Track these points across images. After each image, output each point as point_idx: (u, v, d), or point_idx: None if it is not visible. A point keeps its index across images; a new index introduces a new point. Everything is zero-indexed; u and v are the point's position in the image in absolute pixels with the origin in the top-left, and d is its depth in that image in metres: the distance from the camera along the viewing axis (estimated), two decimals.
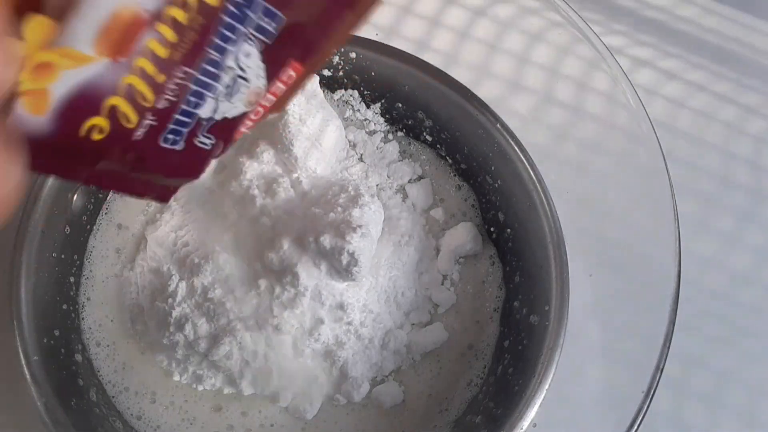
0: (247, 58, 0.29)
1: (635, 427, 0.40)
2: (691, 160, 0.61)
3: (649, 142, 0.46)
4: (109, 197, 0.51)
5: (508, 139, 0.48)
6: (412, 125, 0.53)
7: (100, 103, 0.25)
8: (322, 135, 0.48)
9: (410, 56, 0.50)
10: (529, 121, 0.50)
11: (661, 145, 0.45)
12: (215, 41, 0.27)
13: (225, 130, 0.31)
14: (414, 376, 0.48)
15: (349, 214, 0.43)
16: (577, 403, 0.44)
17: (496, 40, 0.54)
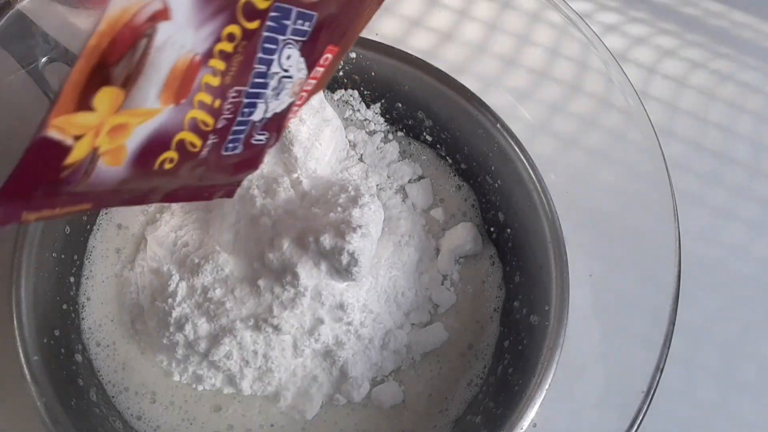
0: (288, 60, 0.31)
1: (635, 427, 0.40)
2: (693, 139, 0.63)
3: (651, 145, 0.46)
4: None
5: (508, 139, 0.48)
6: (412, 125, 0.53)
7: (170, 141, 0.28)
8: (322, 135, 0.48)
9: (410, 56, 0.50)
10: (535, 129, 0.50)
11: (662, 146, 0.45)
12: (260, 56, 0.29)
13: (276, 123, 0.34)
14: (414, 376, 0.48)
15: (349, 214, 0.43)
16: (577, 403, 0.44)
17: (485, 40, 0.55)
